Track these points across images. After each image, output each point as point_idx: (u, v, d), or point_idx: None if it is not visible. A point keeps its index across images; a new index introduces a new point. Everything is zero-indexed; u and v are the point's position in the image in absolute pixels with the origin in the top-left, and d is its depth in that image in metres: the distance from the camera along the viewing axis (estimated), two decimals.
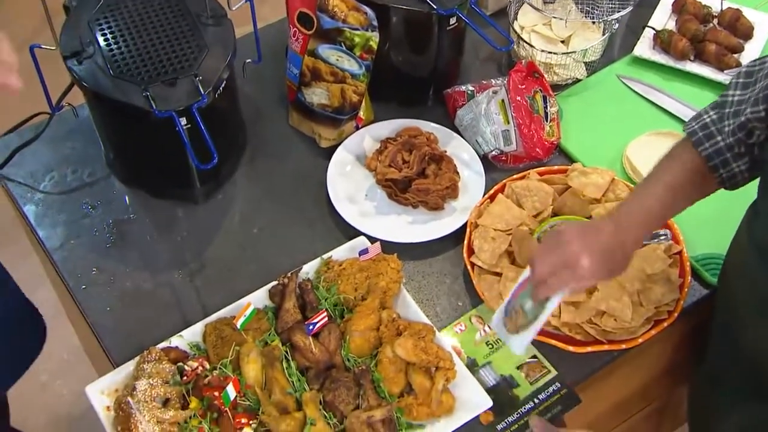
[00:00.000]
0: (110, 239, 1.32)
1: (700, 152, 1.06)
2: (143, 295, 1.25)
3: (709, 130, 1.06)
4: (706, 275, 1.25)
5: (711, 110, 1.07)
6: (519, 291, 1.07)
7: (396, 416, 1.07)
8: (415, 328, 1.13)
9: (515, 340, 1.06)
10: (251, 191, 1.40)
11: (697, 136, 1.07)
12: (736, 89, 1.04)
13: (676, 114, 1.48)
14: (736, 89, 1.04)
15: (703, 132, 1.06)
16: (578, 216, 1.29)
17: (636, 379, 1.37)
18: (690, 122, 1.09)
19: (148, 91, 1.16)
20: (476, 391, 1.11)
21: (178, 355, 1.13)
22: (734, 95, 1.04)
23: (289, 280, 1.18)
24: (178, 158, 1.29)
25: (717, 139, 1.05)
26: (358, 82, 1.35)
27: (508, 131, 1.40)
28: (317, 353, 1.11)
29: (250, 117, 1.47)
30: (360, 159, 1.42)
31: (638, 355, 1.22)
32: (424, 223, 1.33)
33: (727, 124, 1.03)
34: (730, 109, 1.03)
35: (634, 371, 1.32)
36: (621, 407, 1.43)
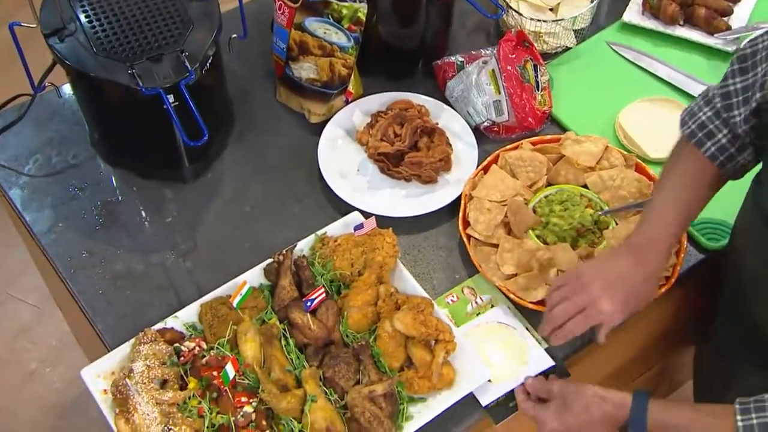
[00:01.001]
0: (99, 221, 1.30)
1: (704, 153, 1.04)
2: (135, 276, 1.23)
3: (708, 129, 1.04)
4: (702, 240, 1.25)
5: (704, 106, 1.04)
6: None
7: (397, 390, 1.07)
8: (414, 301, 1.12)
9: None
10: (241, 169, 1.37)
11: (696, 137, 1.04)
12: (734, 77, 1.00)
13: (667, 79, 1.47)
14: (735, 77, 1.00)
15: (702, 132, 1.04)
16: (573, 185, 1.28)
17: (634, 345, 1.38)
18: (685, 123, 1.06)
19: (133, 68, 1.13)
20: (476, 362, 1.10)
21: (174, 336, 1.12)
22: (735, 84, 1.00)
23: (285, 258, 1.16)
24: (166, 137, 1.27)
25: (718, 137, 1.03)
26: (347, 55, 1.33)
27: (499, 101, 1.38)
28: (316, 330, 1.10)
29: (236, 94, 1.44)
30: (350, 134, 1.40)
31: (636, 322, 1.22)
32: (417, 197, 1.32)
33: (737, 114, 1.00)
34: (737, 98, 1.00)
35: (632, 338, 1.32)
36: (620, 374, 1.43)
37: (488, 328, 1.17)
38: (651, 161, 1.34)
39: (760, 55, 0.97)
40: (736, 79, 1.00)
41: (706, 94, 1.06)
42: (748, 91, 0.99)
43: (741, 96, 1.00)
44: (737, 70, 1.00)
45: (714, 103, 1.04)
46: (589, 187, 1.27)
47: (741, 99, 1.00)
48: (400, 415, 1.06)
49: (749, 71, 0.99)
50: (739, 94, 1.00)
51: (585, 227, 1.21)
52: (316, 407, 1.03)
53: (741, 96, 1.00)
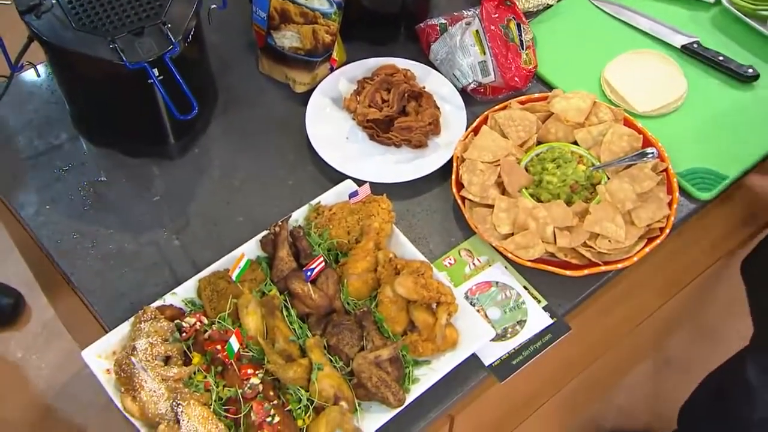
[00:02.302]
0: (87, 202, 1.27)
1: None
2: (129, 256, 1.22)
3: None
4: (692, 190, 1.26)
5: None
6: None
7: (402, 354, 1.07)
8: (413, 266, 1.12)
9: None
10: (228, 143, 1.36)
11: None
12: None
13: (649, 32, 1.47)
14: None
15: None
16: (563, 142, 1.28)
17: (626, 301, 1.40)
18: None
19: (115, 42, 1.10)
20: (478, 322, 1.11)
21: (174, 313, 1.11)
22: None
23: (281, 229, 1.15)
24: (150, 113, 1.24)
25: None
26: (330, 21, 1.31)
27: (485, 62, 1.38)
28: (317, 299, 1.10)
29: (218, 67, 1.42)
30: (337, 102, 1.38)
31: (630, 274, 1.23)
32: (408, 162, 1.31)
33: None
34: None
35: (629, 291, 1.34)
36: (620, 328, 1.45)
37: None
38: (638, 115, 1.35)
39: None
40: None
41: None
42: None
43: None
44: None
45: None
46: (579, 144, 1.28)
47: None
48: (406, 378, 1.06)
49: None
50: None
51: (578, 183, 1.21)
52: (323, 375, 1.03)
53: None
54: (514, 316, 1.15)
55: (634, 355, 1.97)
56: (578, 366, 1.53)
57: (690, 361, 2.12)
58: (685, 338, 2.16)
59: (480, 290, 1.18)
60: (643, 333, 1.65)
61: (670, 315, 1.61)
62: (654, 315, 1.58)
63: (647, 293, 1.44)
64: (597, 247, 1.15)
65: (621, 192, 1.19)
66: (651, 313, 1.57)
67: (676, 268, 1.42)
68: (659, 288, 1.45)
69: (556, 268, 1.15)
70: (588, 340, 1.39)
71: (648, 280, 1.39)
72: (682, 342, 2.16)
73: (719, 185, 1.27)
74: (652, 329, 1.67)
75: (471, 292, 1.18)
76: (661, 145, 1.26)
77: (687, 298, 1.78)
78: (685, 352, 2.15)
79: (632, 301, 1.42)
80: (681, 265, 1.42)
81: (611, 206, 1.17)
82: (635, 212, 1.18)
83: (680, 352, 2.15)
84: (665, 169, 1.24)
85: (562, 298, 1.17)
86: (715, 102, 1.37)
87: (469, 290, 1.18)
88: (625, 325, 1.52)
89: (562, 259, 1.16)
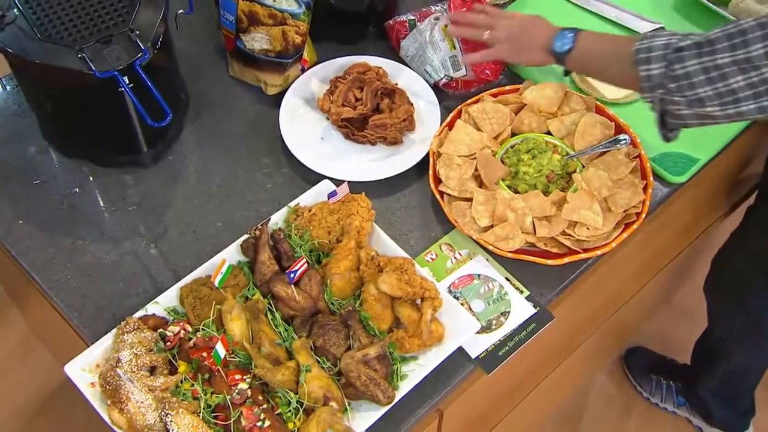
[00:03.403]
0: (61, 215, 1.25)
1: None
2: (107, 267, 1.20)
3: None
4: (665, 174, 1.28)
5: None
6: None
7: (389, 351, 1.07)
8: (396, 262, 1.12)
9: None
10: (202, 149, 1.34)
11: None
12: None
13: (617, 21, 1.49)
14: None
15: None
16: (537, 132, 1.29)
17: (607, 285, 1.41)
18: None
19: (83, 52, 1.09)
20: (463, 315, 1.11)
21: (157, 322, 1.10)
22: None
23: (261, 232, 1.14)
24: (121, 122, 1.23)
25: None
26: (300, 21, 1.30)
27: (455, 57, 1.38)
28: (301, 301, 1.09)
29: (188, 72, 1.40)
30: (310, 102, 1.38)
31: (609, 260, 1.25)
32: (384, 159, 1.31)
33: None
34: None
35: (608, 277, 1.35)
36: (600, 312, 1.47)
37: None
38: (608, 102, 1.36)
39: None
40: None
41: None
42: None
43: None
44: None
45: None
46: (552, 134, 1.29)
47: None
48: (394, 375, 1.07)
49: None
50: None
51: (554, 173, 1.22)
52: (311, 377, 1.03)
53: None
54: (497, 308, 1.16)
55: (616, 339, 2.00)
56: (563, 352, 1.55)
57: (671, 342, 2.15)
58: (662, 320, 2.19)
59: (462, 284, 1.18)
60: (624, 316, 1.68)
61: (649, 297, 1.63)
62: (633, 298, 1.61)
63: (626, 278, 1.46)
64: (576, 234, 1.17)
65: (596, 179, 1.20)
66: (630, 296, 1.60)
67: (652, 251, 1.44)
68: (636, 272, 1.48)
69: (536, 258, 1.16)
70: (570, 326, 1.40)
71: (626, 265, 1.41)
72: (660, 324, 2.19)
73: (691, 168, 1.29)
74: (633, 312, 1.70)
75: (454, 286, 1.18)
76: (632, 131, 1.28)
77: (664, 281, 1.81)
78: (664, 333, 2.18)
79: (611, 286, 1.44)
80: (656, 248, 1.44)
81: (588, 194, 1.18)
82: (611, 198, 1.19)
83: (658, 335, 2.18)
84: (638, 155, 1.26)
85: (544, 288, 1.18)
86: None
87: (451, 284, 1.18)
88: (605, 310, 1.54)
89: (542, 248, 1.18)
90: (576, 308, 1.33)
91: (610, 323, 1.61)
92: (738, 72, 0.97)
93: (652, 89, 1.05)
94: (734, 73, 0.97)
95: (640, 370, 2.11)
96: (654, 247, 1.42)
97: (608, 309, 1.57)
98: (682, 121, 1.06)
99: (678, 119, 1.06)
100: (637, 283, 1.55)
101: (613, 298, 1.51)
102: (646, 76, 1.04)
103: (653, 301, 1.82)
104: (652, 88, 1.05)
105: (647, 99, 1.07)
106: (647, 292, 1.67)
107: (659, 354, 2.12)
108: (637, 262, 1.44)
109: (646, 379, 2.09)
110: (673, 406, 2.05)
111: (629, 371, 2.13)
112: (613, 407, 2.11)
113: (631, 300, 1.62)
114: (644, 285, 1.58)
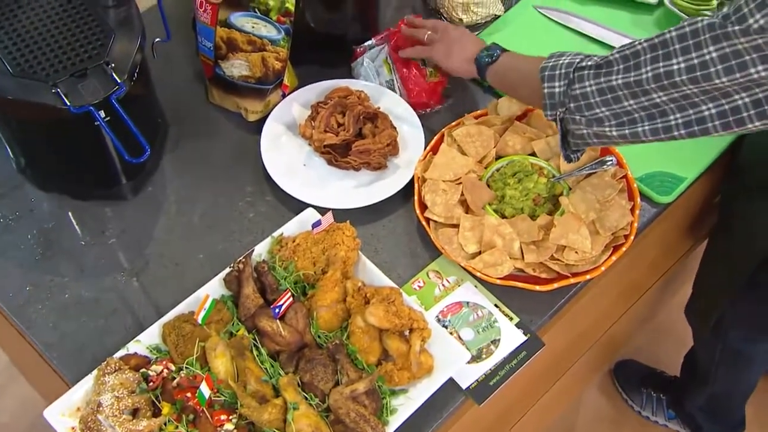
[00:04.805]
0: (38, 251, 1.22)
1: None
2: (87, 304, 1.17)
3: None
4: (652, 194, 1.27)
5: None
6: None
7: (378, 385, 1.05)
8: (383, 293, 1.10)
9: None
10: (183, 179, 1.32)
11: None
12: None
13: (597, 38, 1.48)
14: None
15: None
16: (522, 154, 1.28)
17: (596, 307, 1.40)
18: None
19: (57, 86, 1.06)
20: (452, 345, 1.10)
21: (140, 362, 1.07)
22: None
23: (244, 265, 1.12)
24: (98, 156, 1.21)
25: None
26: (279, 48, 1.28)
27: (392, 81, 1.38)
28: (287, 335, 1.07)
29: (167, 100, 1.38)
30: (292, 128, 1.36)
31: (597, 282, 1.24)
32: (369, 185, 1.29)
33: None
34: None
35: (596, 298, 1.34)
36: (587, 334, 1.46)
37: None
38: None
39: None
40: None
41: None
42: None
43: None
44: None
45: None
46: (538, 155, 1.28)
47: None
48: (384, 409, 1.04)
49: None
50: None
51: (541, 196, 1.21)
52: (299, 414, 1.01)
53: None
54: (487, 336, 1.14)
55: (606, 355, 1.99)
56: (553, 376, 1.53)
57: (660, 354, 2.14)
58: (651, 332, 2.19)
59: (451, 312, 1.16)
60: (613, 334, 1.66)
61: (639, 313, 1.62)
62: (623, 316, 1.60)
63: (615, 298, 1.45)
64: (564, 259, 1.15)
65: (584, 202, 1.19)
66: (620, 316, 1.59)
67: (640, 270, 1.43)
68: (625, 291, 1.46)
69: (525, 284, 1.15)
70: (560, 349, 1.39)
71: (614, 285, 1.40)
72: (648, 336, 2.18)
73: (678, 187, 1.28)
74: (623, 328, 1.69)
75: (442, 315, 1.16)
76: (618, 151, 1.27)
77: (653, 297, 1.80)
78: (652, 345, 2.18)
79: (601, 307, 1.43)
80: (645, 266, 1.43)
81: (575, 217, 1.17)
82: (599, 221, 1.18)
83: (647, 346, 2.17)
84: (624, 175, 1.24)
85: (533, 314, 1.16)
86: None
87: (440, 312, 1.16)
88: (595, 330, 1.53)
89: (531, 274, 1.16)
90: (566, 332, 1.32)
91: (599, 342, 1.60)
92: (630, 96, 0.97)
93: (554, 107, 1.06)
94: (626, 97, 0.97)
95: (630, 384, 2.10)
96: (642, 266, 1.41)
97: (598, 329, 1.55)
98: (582, 140, 1.06)
99: (579, 138, 1.07)
100: (627, 302, 1.54)
101: (603, 318, 1.49)
102: (548, 94, 1.05)
103: (643, 317, 1.81)
104: (553, 106, 1.06)
105: (549, 117, 1.07)
106: (636, 309, 1.66)
107: (648, 366, 2.11)
108: (626, 281, 1.43)
109: (636, 393, 2.08)
110: (664, 419, 2.04)
111: (619, 385, 2.12)
112: (604, 422, 2.10)
113: (621, 318, 1.61)
114: (633, 303, 1.57)
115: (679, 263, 1.73)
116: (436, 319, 1.15)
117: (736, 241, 1.41)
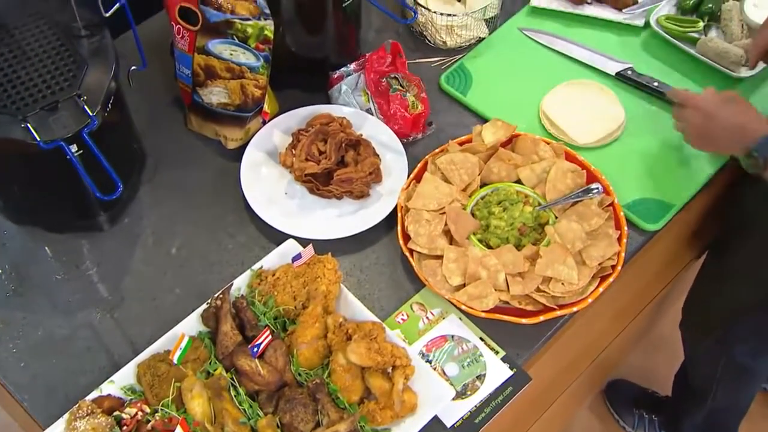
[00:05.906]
0: (10, 287, 1.19)
1: None
2: (60, 342, 1.14)
3: None
4: (639, 222, 1.25)
5: None
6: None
7: (360, 426, 1.02)
8: (365, 328, 1.07)
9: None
10: (160, 209, 1.29)
11: None
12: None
13: (583, 61, 1.46)
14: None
15: None
16: (507, 181, 1.25)
17: (584, 336, 1.37)
18: None
19: (26, 121, 1.03)
20: (436, 382, 1.07)
21: (113, 404, 1.03)
22: None
23: (222, 301, 1.09)
24: (72, 188, 1.17)
25: None
26: (258, 75, 1.25)
27: (369, 110, 1.35)
28: (266, 375, 1.04)
29: (144, 127, 1.34)
30: (272, 156, 1.33)
31: (584, 313, 1.21)
32: (352, 214, 1.26)
33: None
34: None
35: (583, 329, 1.31)
36: (573, 367, 1.43)
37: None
38: (579, 147, 1.33)
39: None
40: None
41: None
42: None
43: None
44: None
45: None
46: (523, 182, 1.25)
47: None
48: None
49: None
50: None
51: (526, 225, 1.19)
52: None
53: None
54: (472, 371, 1.11)
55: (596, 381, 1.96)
56: (541, 408, 1.50)
57: (650, 373, 2.12)
58: (641, 351, 2.16)
59: (435, 346, 1.13)
60: (602, 361, 1.64)
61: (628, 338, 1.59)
62: (612, 343, 1.57)
63: (602, 326, 1.42)
64: (550, 291, 1.13)
65: (570, 232, 1.16)
66: (608, 343, 1.56)
67: (628, 297, 1.40)
68: (613, 319, 1.44)
69: (511, 316, 1.12)
70: (548, 381, 1.36)
71: (602, 315, 1.37)
72: (639, 355, 2.16)
73: (666, 215, 1.25)
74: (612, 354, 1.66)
75: (426, 349, 1.13)
76: (605, 178, 1.24)
77: (642, 321, 1.77)
78: (643, 363, 2.15)
79: (588, 337, 1.40)
80: (632, 293, 1.40)
81: (561, 248, 1.14)
82: (586, 252, 1.16)
83: (638, 365, 2.15)
84: (611, 203, 1.22)
85: (519, 347, 1.13)
86: (654, 128, 1.36)
87: (424, 347, 1.13)
88: (583, 360, 1.50)
89: (516, 306, 1.13)
90: (553, 363, 1.29)
91: (589, 368, 1.57)
92: None
93: None
94: None
95: (622, 404, 2.07)
96: (630, 293, 1.39)
97: (587, 358, 1.53)
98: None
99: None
100: (615, 329, 1.51)
101: (591, 346, 1.47)
102: None
103: (632, 341, 1.79)
104: None
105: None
106: (626, 333, 1.63)
107: (640, 386, 2.09)
108: (613, 309, 1.41)
109: (628, 414, 2.05)
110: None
111: (611, 405, 2.09)
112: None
113: (610, 345, 1.58)
114: (621, 331, 1.54)
115: (670, 285, 1.70)
116: (420, 354, 1.12)
117: (750, 256, 1.38)
